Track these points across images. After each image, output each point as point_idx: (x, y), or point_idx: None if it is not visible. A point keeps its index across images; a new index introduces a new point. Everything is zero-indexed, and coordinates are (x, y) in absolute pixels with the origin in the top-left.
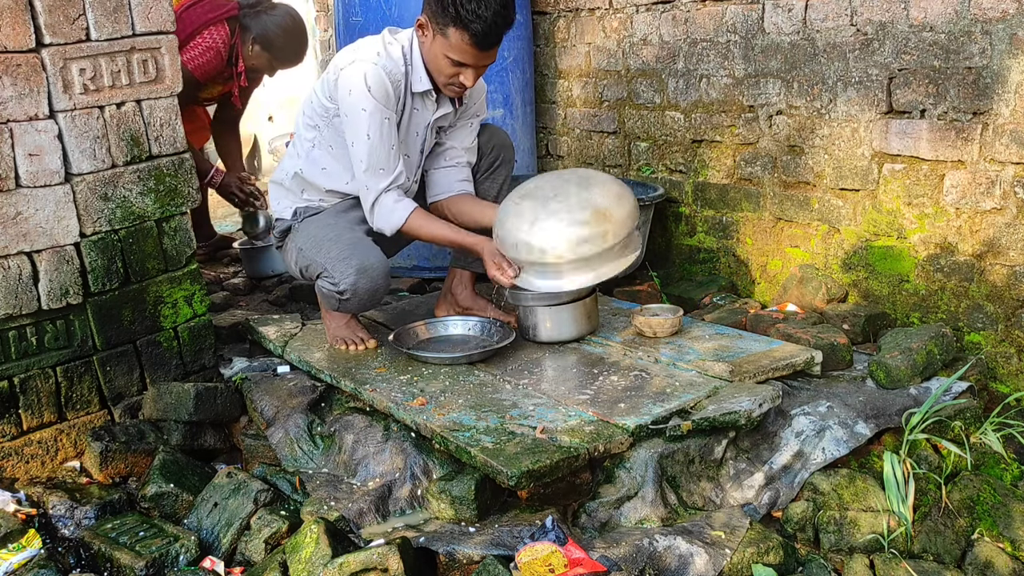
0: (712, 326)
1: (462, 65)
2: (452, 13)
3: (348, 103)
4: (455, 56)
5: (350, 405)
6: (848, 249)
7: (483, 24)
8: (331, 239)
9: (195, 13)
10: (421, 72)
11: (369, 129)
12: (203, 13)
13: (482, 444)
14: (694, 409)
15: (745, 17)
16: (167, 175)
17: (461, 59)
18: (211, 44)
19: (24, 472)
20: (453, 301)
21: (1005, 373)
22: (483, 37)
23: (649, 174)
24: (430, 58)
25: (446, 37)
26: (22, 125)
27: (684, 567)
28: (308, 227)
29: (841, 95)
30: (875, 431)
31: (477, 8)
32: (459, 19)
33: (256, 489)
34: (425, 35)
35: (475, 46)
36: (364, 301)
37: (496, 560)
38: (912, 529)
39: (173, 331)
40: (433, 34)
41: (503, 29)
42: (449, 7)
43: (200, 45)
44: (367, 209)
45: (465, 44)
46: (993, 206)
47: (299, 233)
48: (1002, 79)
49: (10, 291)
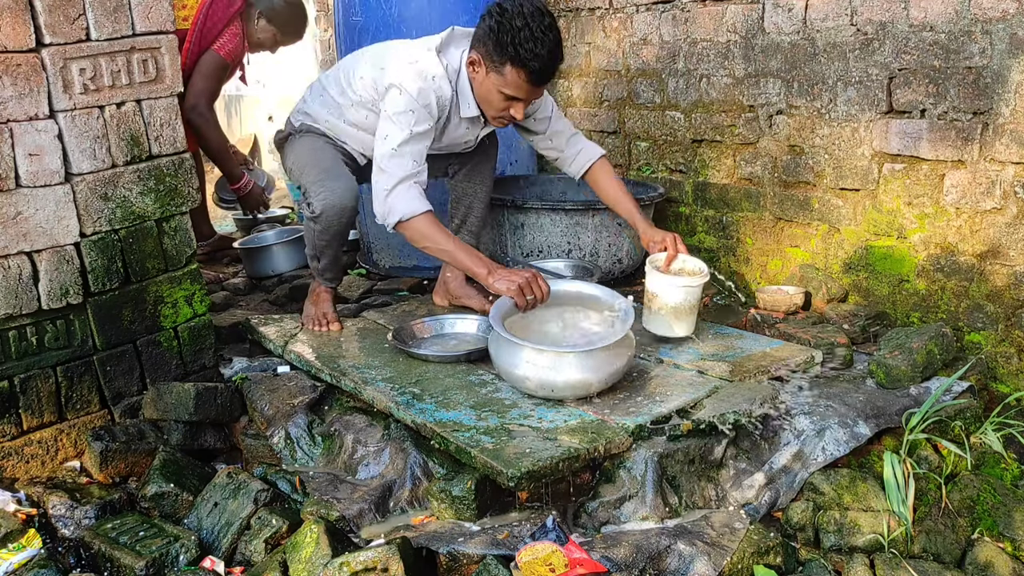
0: (712, 326)
1: (515, 99)
2: (511, 53)
3: (398, 102)
4: (509, 92)
5: (350, 405)
6: (848, 249)
7: (540, 62)
8: (313, 164)
9: (218, 9)
10: (469, 100)
11: (414, 127)
12: (225, 7)
13: (482, 444)
14: (694, 409)
15: (745, 17)
16: (167, 175)
17: (515, 94)
18: (236, 30)
19: (24, 472)
20: (446, 290)
21: (1005, 373)
22: (540, 74)
23: (649, 174)
24: (482, 93)
25: (501, 75)
26: (22, 125)
27: (684, 567)
28: (302, 144)
29: (841, 95)
30: (875, 431)
31: (535, 48)
32: (518, 58)
33: (256, 489)
34: (477, 71)
35: (531, 83)
36: (331, 220)
37: (496, 560)
38: (912, 529)
39: (173, 331)
40: (487, 71)
41: (557, 65)
42: (508, 47)
43: (228, 32)
44: (383, 190)
45: (521, 81)
46: (993, 206)
47: (293, 146)
48: (1002, 79)
49: (10, 291)
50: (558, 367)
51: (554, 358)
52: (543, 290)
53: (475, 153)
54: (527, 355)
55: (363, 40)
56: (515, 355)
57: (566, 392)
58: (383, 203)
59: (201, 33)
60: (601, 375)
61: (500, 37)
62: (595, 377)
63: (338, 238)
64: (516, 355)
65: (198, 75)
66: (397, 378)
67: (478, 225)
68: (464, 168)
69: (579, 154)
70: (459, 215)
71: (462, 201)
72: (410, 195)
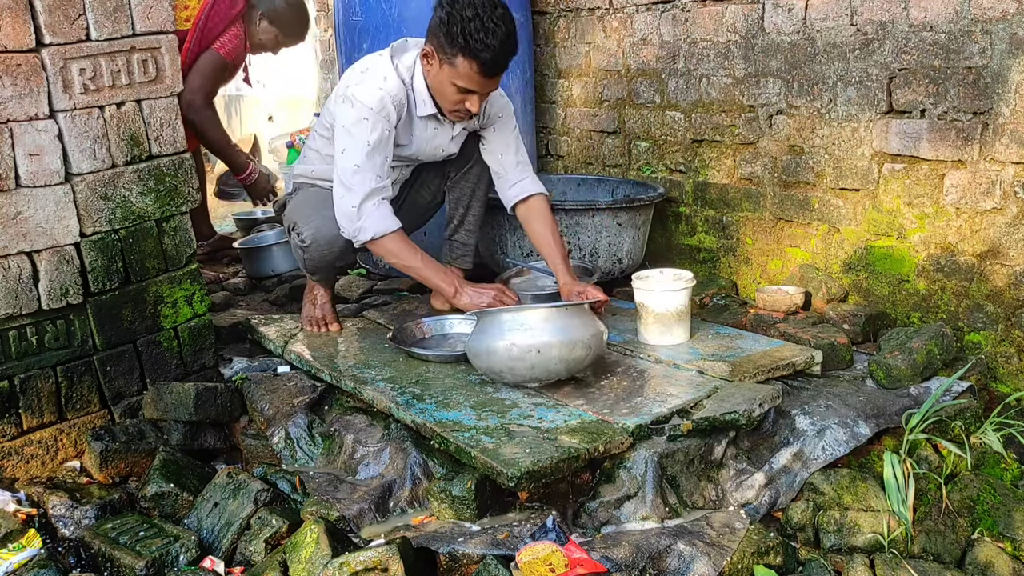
0: (712, 326)
1: (468, 92)
2: (461, 43)
3: (350, 114)
4: (462, 83)
5: (350, 405)
6: (848, 249)
7: (491, 53)
8: (306, 203)
9: (220, 9)
10: (424, 97)
11: (370, 136)
12: (228, 8)
13: (482, 444)
14: (694, 409)
15: (745, 17)
16: (167, 175)
17: (468, 86)
18: (238, 31)
19: (24, 472)
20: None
21: (1005, 373)
22: (491, 65)
23: (649, 174)
24: (436, 85)
25: (453, 66)
26: (22, 125)
27: (684, 567)
28: (297, 197)
29: (841, 95)
30: (875, 431)
31: (486, 38)
32: (468, 49)
33: (256, 489)
34: (431, 64)
35: (482, 74)
36: (323, 249)
37: (496, 560)
38: (912, 529)
39: (173, 331)
40: (440, 63)
41: (509, 57)
42: (458, 38)
43: (229, 33)
44: (351, 207)
45: (473, 72)
46: (993, 206)
47: (290, 203)
48: (1002, 79)
49: (10, 291)
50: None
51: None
52: (512, 301)
53: (469, 158)
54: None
55: (363, 40)
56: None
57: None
58: (353, 220)
59: (202, 33)
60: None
61: (451, 28)
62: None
63: (329, 268)
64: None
65: (196, 72)
66: (397, 378)
67: (475, 224)
68: (461, 171)
69: (522, 182)
70: (457, 215)
71: (460, 202)
72: (380, 213)
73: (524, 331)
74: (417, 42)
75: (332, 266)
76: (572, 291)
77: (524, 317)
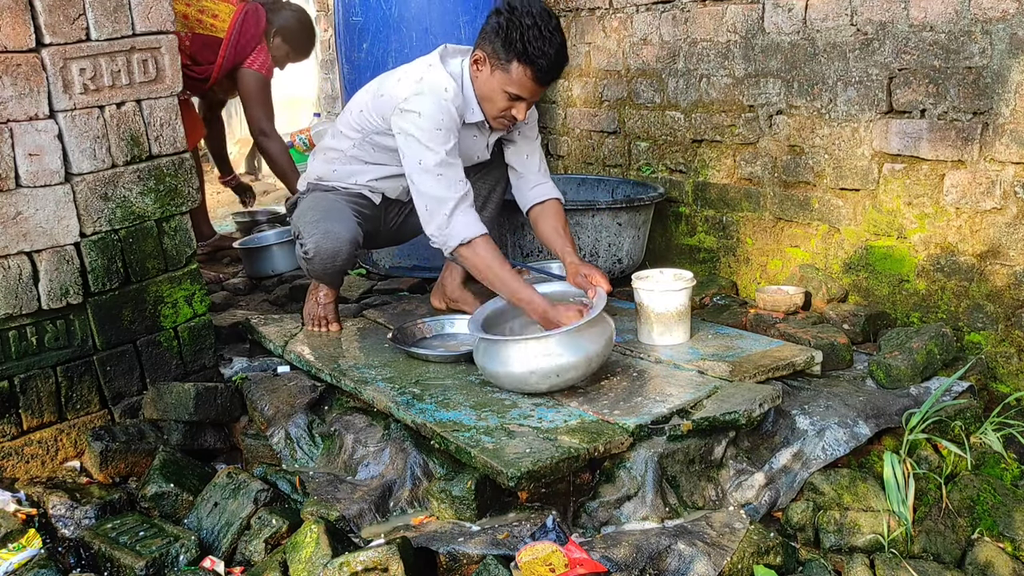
0: (712, 326)
1: (518, 99)
2: (519, 49)
3: (422, 126)
4: (513, 90)
5: (350, 405)
6: (848, 249)
7: (547, 60)
8: (312, 210)
9: (250, 25)
10: (473, 104)
11: (447, 145)
12: (256, 24)
13: (482, 444)
14: (694, 409)
15: (745, 17)
16: (167, 175)
17: (519, 92)
18: (264, 47)
19: (24, 472)
20: (443, 293)
21: (1005, 373)
22: (546, 73)
23: (649, 174)
24: (485, 91)
25: (507, 72)
26: (22, 125)
27: (684, 567)
28: (306, 202)
29: (841, 95)
30: (875, 431)
31: (543, 46)
32: (525, 55)
33: (256, 489)
34: (481, 70)
35: (536, 81)
36: (326, 262)
37: (496, 560)
38: (912, 529)
39: (173, 331)
40: (492, 68)
41: (562, 67)
42: (516, 43)
43: (260, 48)
44: (443, 215)
45: (527, 79)
46: (993, 206)
47: (298, 206)
48: (1002, 79)
49: (10, 291)
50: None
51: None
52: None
53: (491, 161)
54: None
55: (363, 40)
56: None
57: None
58: (443, 229)
59: (236, 49)
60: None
61: (509, 34)
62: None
63: (334, 276)
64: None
65: (251, 103)
66: (397, 378)
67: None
68: (480, 172)
69: (543, 185)
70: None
71: (480, 193)
72: (468, 218)
73: (544, 357)
74: (457, 48)
75: (336, 274)
76: (579, 271)
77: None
